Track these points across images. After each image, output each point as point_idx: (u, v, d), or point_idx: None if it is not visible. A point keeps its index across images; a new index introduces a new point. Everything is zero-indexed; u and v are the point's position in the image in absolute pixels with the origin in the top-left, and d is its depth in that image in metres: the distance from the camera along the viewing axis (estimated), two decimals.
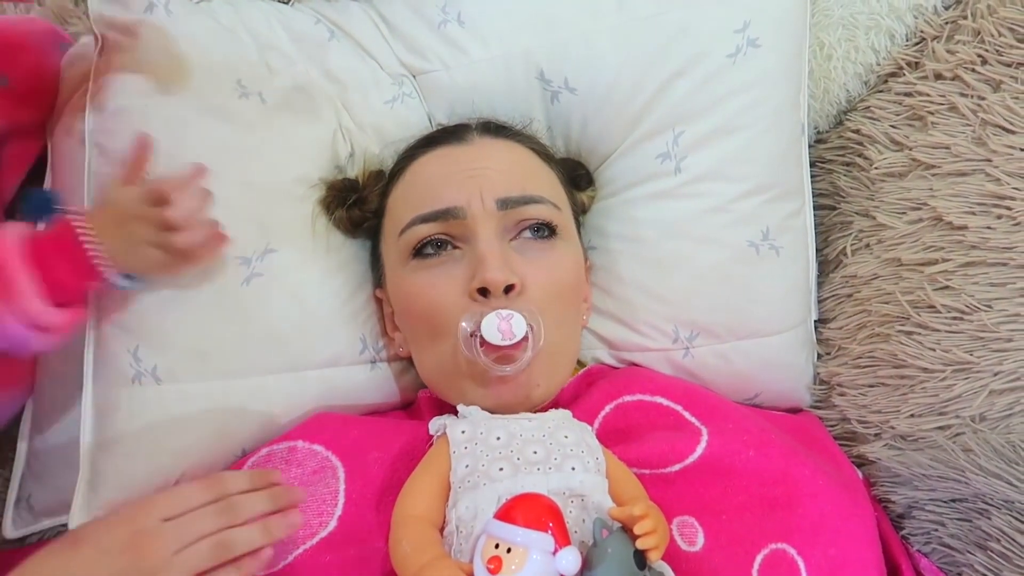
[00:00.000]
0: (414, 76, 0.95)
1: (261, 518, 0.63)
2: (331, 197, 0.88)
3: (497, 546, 0.58)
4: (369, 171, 0.90)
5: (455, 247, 0.78)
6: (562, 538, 0.59)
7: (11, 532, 0.88)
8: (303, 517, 0.65)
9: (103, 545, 0.57)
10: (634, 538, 0.59)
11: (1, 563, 0.74)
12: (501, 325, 0.72)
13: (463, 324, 0.74)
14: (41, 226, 0.78)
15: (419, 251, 0.79)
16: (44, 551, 0.58)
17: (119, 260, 0.73)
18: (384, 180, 0.88)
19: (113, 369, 0.80)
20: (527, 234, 0.79)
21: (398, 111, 0.93)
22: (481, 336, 0.72)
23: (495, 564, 0.57)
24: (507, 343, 0.72)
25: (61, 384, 0.90)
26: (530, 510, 0.60)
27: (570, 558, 0.58)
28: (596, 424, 0.77)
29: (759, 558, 0.69)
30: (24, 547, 0.88)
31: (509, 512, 0.60)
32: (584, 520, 0.64)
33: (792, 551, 0.70)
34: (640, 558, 0.60)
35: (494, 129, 0.86)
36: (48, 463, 0.90)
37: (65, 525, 0.85)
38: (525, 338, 0.73)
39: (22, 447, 0.91)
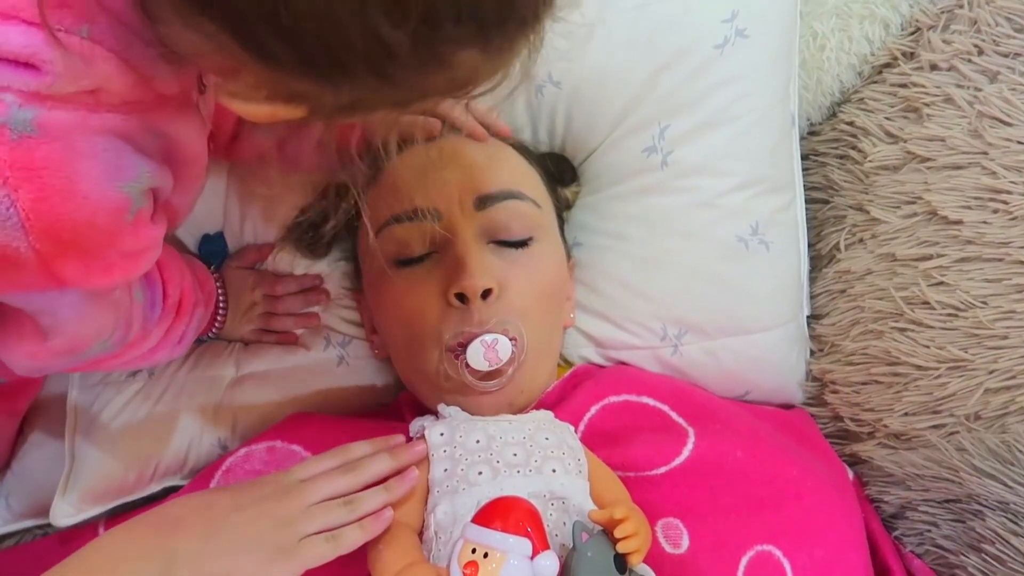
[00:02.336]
0: None
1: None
2: (294, 232, 0.86)
3: (474, 551, 0.57)
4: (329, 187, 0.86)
5: (432, 251, 0.76)
6: (540, 542, 0.58)
7: None
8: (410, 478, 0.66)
9: (247, 494, 0.62)
10: (615, 541, 0.59)
11: None
12: (487, 353, 0.71)
13: (447, 339, 0.72)
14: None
15: (396, 258, 0.77)
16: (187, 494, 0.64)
17: (224, 326, 0.84)
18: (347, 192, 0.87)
19: None
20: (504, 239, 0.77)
21: None
22: (466, 360, 0.71)
23: (471, 569, 0.57)
24: (493, 368, 0.71)
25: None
26: (508, 514, 0.59)
27: (548, 563, 0.57)
28: (582, 426, 0.76)
29: (744, 560, 0.68)
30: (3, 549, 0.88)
31: (487, 516, 0.59)
32: (565, 523, 0.63)
33: (778, 553, 0.69)
34: (621, 562, 0.59)
35: None
36: (28, 463, 0.89)
37: (44, 526, 0.86)
38: (511, 357, 0.72)
39: None
